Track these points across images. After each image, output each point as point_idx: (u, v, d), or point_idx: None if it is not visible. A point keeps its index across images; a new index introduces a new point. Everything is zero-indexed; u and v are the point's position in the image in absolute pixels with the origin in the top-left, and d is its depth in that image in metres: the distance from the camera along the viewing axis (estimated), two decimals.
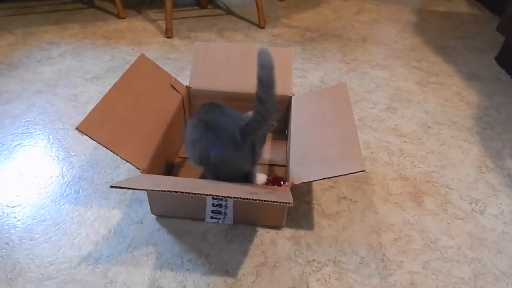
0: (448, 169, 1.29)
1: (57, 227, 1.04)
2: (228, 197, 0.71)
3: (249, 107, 0.94)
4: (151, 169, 0.98)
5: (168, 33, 2.19)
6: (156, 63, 1.26)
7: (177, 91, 1.25)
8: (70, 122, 1.45)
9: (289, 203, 0.71)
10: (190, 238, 1.01)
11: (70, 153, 1.31)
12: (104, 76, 1.81)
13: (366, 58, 2.03)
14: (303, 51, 2.08)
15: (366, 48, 2.15)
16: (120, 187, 0.73)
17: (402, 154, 1.35)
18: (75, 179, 1.20)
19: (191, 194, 0.72)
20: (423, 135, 1.45)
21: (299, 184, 0.91)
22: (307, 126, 1.12)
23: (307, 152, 1.02)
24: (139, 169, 0.94)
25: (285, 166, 1.25)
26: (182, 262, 0.95)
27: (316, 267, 0.96)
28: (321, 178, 0.89)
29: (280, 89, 1.37)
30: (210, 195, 0.72)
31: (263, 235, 1.03)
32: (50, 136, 1.39)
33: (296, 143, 1.08)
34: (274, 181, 1.12)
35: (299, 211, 1.10)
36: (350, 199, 1.16)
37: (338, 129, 1.04)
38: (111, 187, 0.75)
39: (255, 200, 0.72)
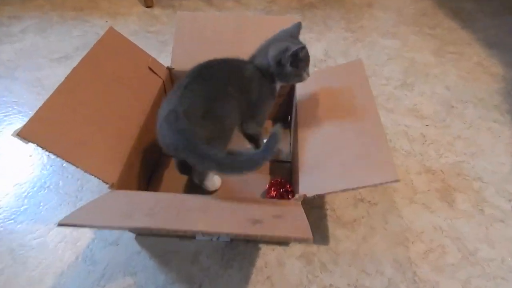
0: (479, 158, 1.10)
1: (11, 254, 0.83)
2: (224, 234, 0.51)
3: None
4: (124, 179, 0.77)
5: (148, 2, 1.89)
6: (135, 37, 1.02)
7: (156, 74, 1.01)
8: (32, 113, 1.21)
9: (307, 238, 0.52)
10: (177, 261, 0.82)
11: (30, 154, 1.08)
12: (74, 55, 1.54)
13: (373, 26, 1.78)
14: (302, 19, 1.82)
15: (373, 13, 1.90)
16: (70, 225, 0.52)
17: (425, 141, 1.16)
18: (35, 189, 0.98)
19: (172, 230, 0.52)
20: (447, 116, 1.25)
21: (313, 196, 0.71)
22: (317, 117, 0.91)
23: (320, 153, 0.81)
24: (106, 183, 0.72)
25: (290, 162, 1.05)
26: None
27: None
28: (341, 190, 0.69)
29: None
30: (200, 231, 0.52)
31: (267, 253, 0.84)
32: (6, 133, 1.15)
33: (305, 140, 0.87)
34: (279, 185, 0.92)
35: (310, 219, 0.90)
36: (369, 201, 0.97)
37: (358, 122, 0.83)
38: (59, 225, 0.54)
39: (259, 236, 0.52)
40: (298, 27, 0.91)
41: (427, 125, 1.21)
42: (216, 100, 0.78)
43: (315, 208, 0.94)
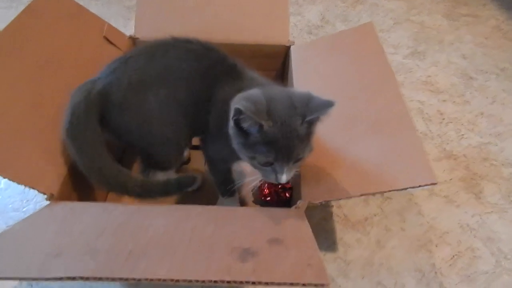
0: (507, 138, 0.94)
1: None
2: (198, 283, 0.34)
3: None
4: (70, 186, 0.59)
5: None
6: (93, 2, 0.80)
7: (115, 45, 0.80)
8: None
9: (321, 284, 0.35)
10: None
11: None
12: None
13: None
14: None
15: None
16: None
17: (443, 119, 0.99)
18: None
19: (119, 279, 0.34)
20: (466, 89, 1.08)
21: (321, 202, 0.55)
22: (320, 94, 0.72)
23: (327, 145, 0.63)
24: (44, 194, 0.54)
25: None
26: None
27: None
28: (359, 195, 0.52)
29: (271, 36, 0.95)
30: (173, 280, 0.34)
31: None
32: None
33: None
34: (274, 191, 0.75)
35: (312, 220, 0.75)
36: (382, 194, 0.81)
37: (375, 103, 0.65)
38: None
39: (255, 283, 0.35)
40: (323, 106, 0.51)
41: (444, 101, 1.04)
42: (152, 89, 0.60)
43: (319, 206, 0.78)
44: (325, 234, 0.74)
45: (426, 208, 0.79)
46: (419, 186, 0.49)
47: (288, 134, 0.50)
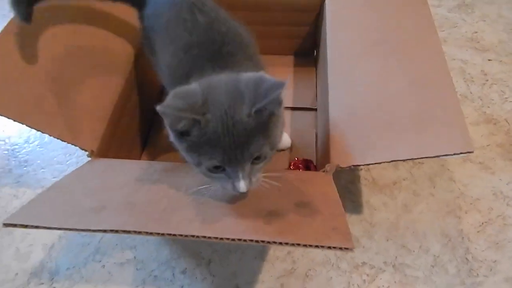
0: None
1: None
2: (238, 239, 0.36)
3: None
4: (108, 143, 0.62)
5: None
6: None
7: None
8: None
9: (346, 247, 0.36)
10: None
11: None
12: None
13: None
14: None
15: None
16: (19, 226, 0.39)
17: (486, 80, 0.92)
18: (17, 147, 0.85)
19: (176, 236, 0.37)
20: None
21: (350, 167, 0.55)
22: (357, 52, 0.69)
23: (359, 104, 0.62)
24: (85, 150, 0.57)
25: (315, 110, 0.87)
26: (173, 274, 0.66)
27: (368, 275, 0.65)
28: (390, 160, 0.52)
29: None
30: (205, 237, 0.37)
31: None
32: None
33: (339, 85, 0.66)
34: (302, 164, 0.75)
35: (340, 182, 0.75)
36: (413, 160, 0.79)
37: (413, 63, 0.61)
38: (4, 225, 0.40)
39: (282, 244, 0.36)
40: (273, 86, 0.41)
41: (489, 60, 0.97)
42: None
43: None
44: (351, 197, 0.75)
45: (459, 174, 0.77)
46: (454, 154, 0.48)
47: (233, 128, 0.40)
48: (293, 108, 0.87)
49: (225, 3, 0.62)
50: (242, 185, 0.42)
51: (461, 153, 0.48)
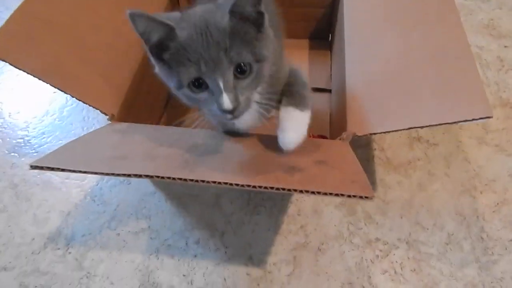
0: None
1: (14, 190, 0.75)
2: (253, 186, 0.37)
3: None
4: (128, 108, 0.63)
5: None
6: None
7: None
8: None
9: (366, 196, 0.36)
10: (196, 205, 0.71)
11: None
12: None
13: None
14: None
15: None
16: (45, 168, 0.39)
17: (503, 66, 0.92)
18: (37, 118, 0.87)
19: (188, 181, 0.38)
20: None
21: (367, 135, 0.55)
22: (375, 28, 0.69)
23: (377, 77, 0.62)
24: (105, 114, 0.58)
25: (329, 91, 0.87)
26: (186, 244, 0.67)
27: (381, 250, 0.65)
28: (408, 127, 0.52)
29: None
30: (227, 183, 0.37)
31: (301, 199, 0.71)
32: None
33: (356, 61, 0.67)
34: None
35: None
36: (427, 140, 0.79)
37: (432, 36, 0.61)
38: (31, 167, 0.41)
39: (303, 192, 0.37)
40: None
41: (505, 47, 0.96)
42: None
43: (360, 147, 0.78)
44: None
45: (474, 155, 0.76)
46: (473, 119, 0.48)
47: (207, 31, 0.39)
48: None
49: None
50: (225, 99, 0.39)
51: (480, 118, 0.47)
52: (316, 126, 0.81)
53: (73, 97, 0.54)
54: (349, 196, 0.37)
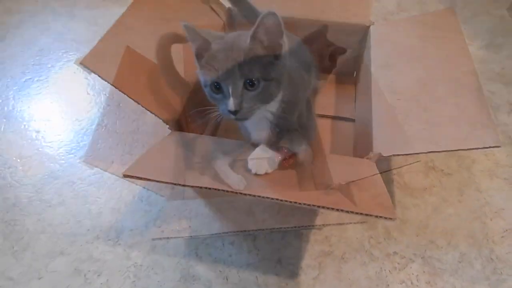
0: None
1: (72, 187, 0.84)
2: (294, 202, 0.46)
3: None
4: (185, 120, 0.73)
5: None
6: None
7: (217, 14, 0.94)
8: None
9: (390, 217, 0.45)
10: (232, 211, 0.79)
11: (88, 91, 1.08)
12: None
13: None
14: None
15: None
16: (135, 178, 0.49)
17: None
18: (93, 126, 0.98)
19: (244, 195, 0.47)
20: None
21: (391, 156, 0.64)
22: (398, 68, 0.80)
23: (400, 108, 0.71)
24: (166, 124, 0.69)
25: (353, 120, 0.96)
26: (223, 244, 0.75)
27: (398, 263, 0.72)
28: (428, 151, 0.61)
29: (351, 15, 1.03)
30: (268, 197, 0.46)
31: (327, 212, 0.79)
32: (65, 69, 1.15)
33: (381, 94, 0.77)
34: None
35: None
36: (442, 170, 0.87)
37: (448, 73, 0.72)
38: (124, 176, 0.51)
39: (338, 210, 0.45)
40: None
41: None
42: None
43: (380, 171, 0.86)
44: None
45: (485, 186, 0.84)
46: (483, 147, 0.56)
47: (231, 49, 0.52)
48: (334, 117, 0.97)
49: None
50: (231, 102, 0.51)
51: (490, 147, 0.56)
52: (340, 151, 0.90)
53: (139, 104, 0.65)
54: (376, 216, 0.45)
